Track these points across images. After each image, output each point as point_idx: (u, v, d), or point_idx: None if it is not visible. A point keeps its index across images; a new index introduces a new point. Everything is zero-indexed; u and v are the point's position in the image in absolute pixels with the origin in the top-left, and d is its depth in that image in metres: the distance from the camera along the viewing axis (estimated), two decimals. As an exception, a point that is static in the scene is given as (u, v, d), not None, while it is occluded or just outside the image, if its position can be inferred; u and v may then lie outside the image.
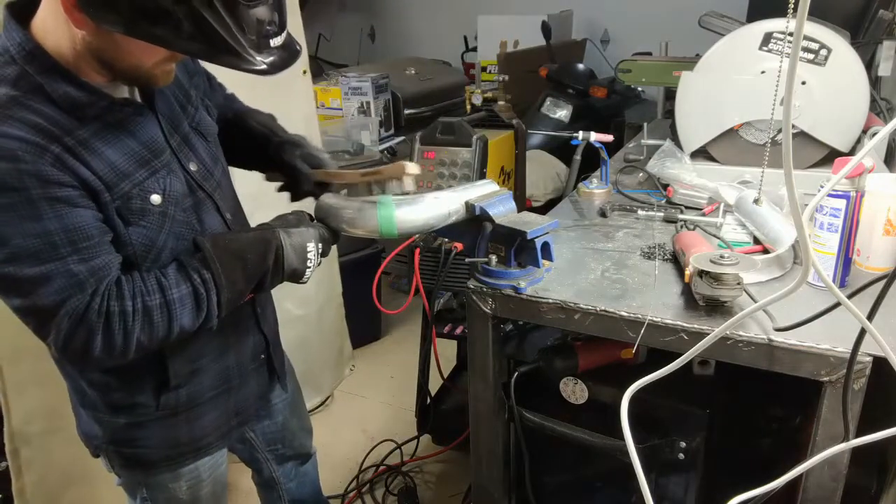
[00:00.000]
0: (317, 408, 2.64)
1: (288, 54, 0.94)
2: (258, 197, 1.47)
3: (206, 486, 1.25)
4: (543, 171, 2.97)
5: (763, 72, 1.52)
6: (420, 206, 1.15)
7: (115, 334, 0.93)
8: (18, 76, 0.89)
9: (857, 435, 0.92)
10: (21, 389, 1.62)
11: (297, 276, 1.08)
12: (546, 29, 3.62)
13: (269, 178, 1.30)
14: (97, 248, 0.92)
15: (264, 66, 0.89)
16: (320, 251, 1.10)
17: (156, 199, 0.99)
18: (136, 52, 0.89)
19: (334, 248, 1.13)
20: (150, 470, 1.18)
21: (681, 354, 0.88)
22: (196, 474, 1.22)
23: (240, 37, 0.85)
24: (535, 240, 1.12)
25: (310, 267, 1.08)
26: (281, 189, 1.30)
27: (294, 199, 1.28)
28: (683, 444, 1.21)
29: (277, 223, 1.09)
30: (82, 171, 0.91)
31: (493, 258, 1.20)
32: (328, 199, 1.17)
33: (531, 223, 1.14)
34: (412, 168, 1.10)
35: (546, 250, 1.15)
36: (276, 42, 0.90)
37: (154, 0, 0.81)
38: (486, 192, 1.22)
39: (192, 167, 1.08)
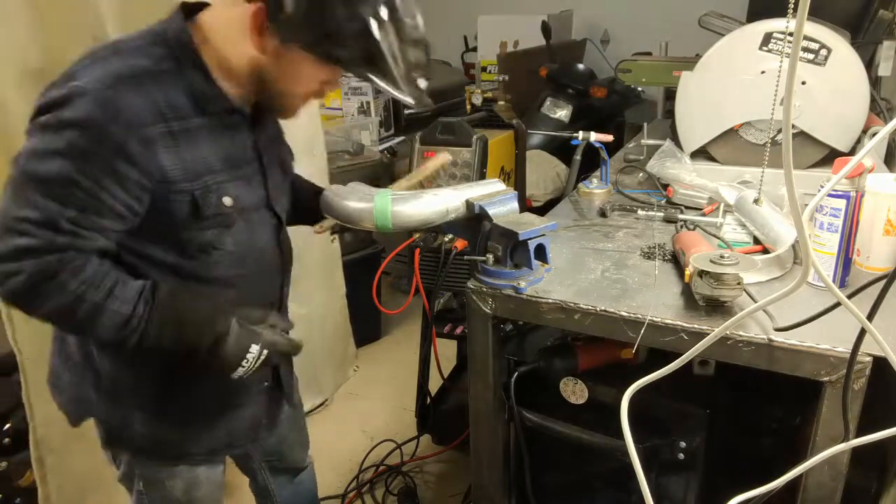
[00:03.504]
0: (317, 408, 2.64)
1: (425, 93, 1.06)
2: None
3: (202, 488, 1.25)
4: (543, 171, 2.96)
5: (763, 72, 1.52)
6: (416, 202, 1.16)
7: (38, 292, 0.91)
8: (163, 57, 0.97)
9: (857, 435, 0.92)
10: (42, 392, 1.62)
11: (227, 369, 1.02)
12: (546, 29, 3.61)
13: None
14: (94, 226, 0.93)
15: (409, 99, 1.03)
16: (263, 358, 1.04)
17: (227, 200, 1.04)
18: (297, 77, 1.02)
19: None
20: (137, 456, 1.19)
21: (681, 354, 0.88)
22: (193, 475, 1.22)
23: (401, 66, 0.99)
24: (529, 241, 1.12)
25: (243, 367, 1.02)
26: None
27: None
28: (683, 444, 1.21)
29: (239, 312, 1.03)
30: (166, 160, 0.95)
31: (491, 257, 1.20)
32: (329, 193, 1.21)
33: (527, 224, 1.14)
34: (446, 157, 1.29)
35: (541, 252, 1.15)
36: (422, 84, 1.05)
37: (340, 27, 0.93)
38: (490, 192, 1.22)
39: (270, 186, 1.14)
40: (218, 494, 1.31)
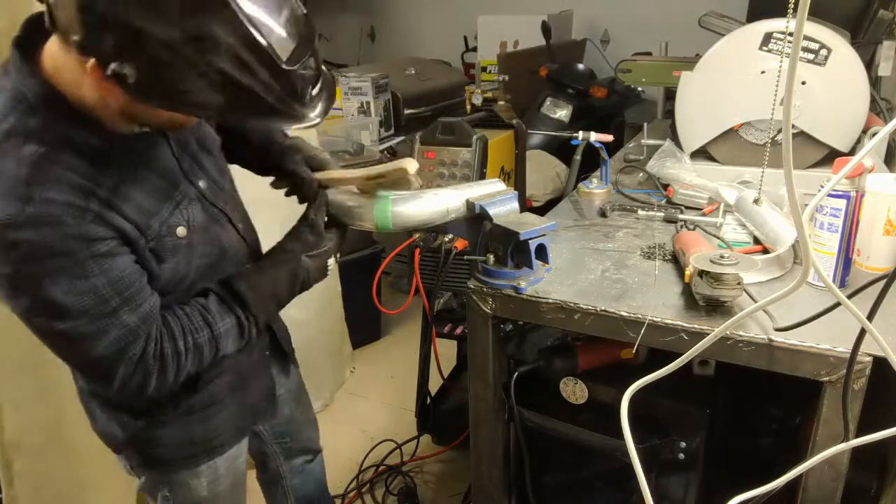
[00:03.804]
0: (317, 409, 2.64)
1: (327, 93, 0.93)
2: (258, 202, 1.47)
3: (225, 481, 1.26)
4: (543, 171, 2.96)
5: (763, 72, 1.52)
6: (417, 202, 1.16)
7: (168, 373, 0.97)
8: (43, 127, 0.86)
9: (857, 435, 0.92)
10: (17, 401, 1.61)
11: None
12: (546, 29, 3.61)
13: (274, 185, 1.30)
14: (141, 294, 0.94)
15: (316, 119, 0.91)
16: (337, 259, 1.16)
17: (181, 231, 1.00)
18: (166, 116, 0.89)
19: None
20: (167, 468, 1.20)
21: (681, 354, 0.88)
22: (214, 468, 1.23)
23: (288, 99, 0.85)
24: (529, 241, 1.12)
25: (327, 273, 1.19)
26: (288, 194, 1.30)
27: (301, 201, 1.28)
28: (683, 444, 1.21)
29: (299, 247, 1.13)
30: (119, 221, 0.91)
31: (491, 257, 1.20)
32: (329, 192, 1.21)
33: (527, 224, 1.14)
34: (412, 167, 1.12)
35: (541, 252, 1.15)
36: (316, 90, 0.90)
37: (193, 83, 0.79)
38: (490, 192, 1.22)
39: (202, 185, 1.08)
40: (241, 480, 1.33)
